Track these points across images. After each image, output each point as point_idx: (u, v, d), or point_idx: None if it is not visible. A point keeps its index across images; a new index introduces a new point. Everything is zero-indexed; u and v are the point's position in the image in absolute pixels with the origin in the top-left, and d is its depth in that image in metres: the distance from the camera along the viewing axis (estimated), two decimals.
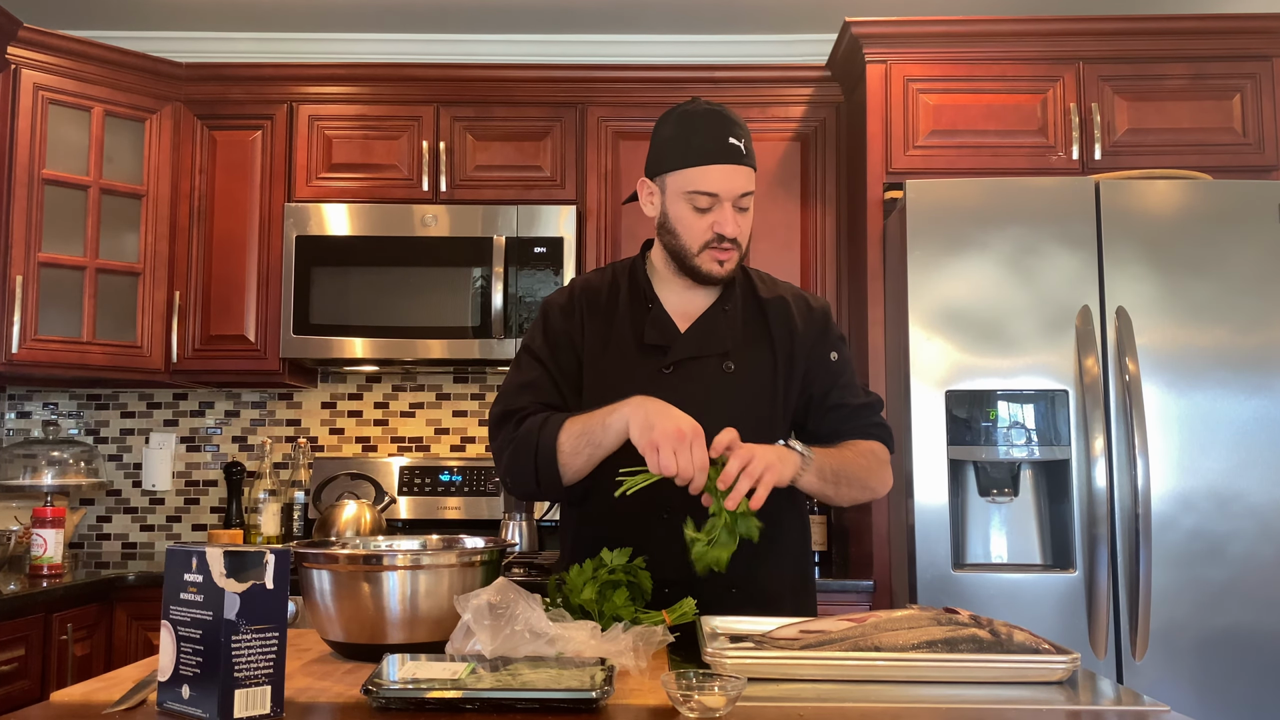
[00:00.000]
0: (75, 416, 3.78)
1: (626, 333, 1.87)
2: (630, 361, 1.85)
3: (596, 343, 1.87)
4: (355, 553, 1.52)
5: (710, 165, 1.76)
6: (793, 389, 1.88)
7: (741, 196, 1.78)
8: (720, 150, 1.76)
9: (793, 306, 1.91)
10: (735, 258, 1.82)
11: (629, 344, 1.86)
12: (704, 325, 1.86)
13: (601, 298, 1.91)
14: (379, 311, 3.34)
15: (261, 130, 3.48)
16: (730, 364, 1.84)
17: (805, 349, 1.89)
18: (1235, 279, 2.75)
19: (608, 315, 1.89)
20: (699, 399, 1.78)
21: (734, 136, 1.77)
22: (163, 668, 1.18)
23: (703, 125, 1.78)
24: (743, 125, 1.81)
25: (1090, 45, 3.13)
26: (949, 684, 1.32)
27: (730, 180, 1.77)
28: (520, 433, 1.75)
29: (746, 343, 1.87)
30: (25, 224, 3.17)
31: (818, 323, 1.92)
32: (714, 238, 1.79)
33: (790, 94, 3.47)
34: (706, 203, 1.78)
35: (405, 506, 3.60)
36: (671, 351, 1.83)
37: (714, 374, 1.84)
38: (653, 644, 1.41)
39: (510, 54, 3.82)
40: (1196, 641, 2.64)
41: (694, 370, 1.83)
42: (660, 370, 1.83)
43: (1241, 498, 2.68)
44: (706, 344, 1.84)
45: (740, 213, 1.80)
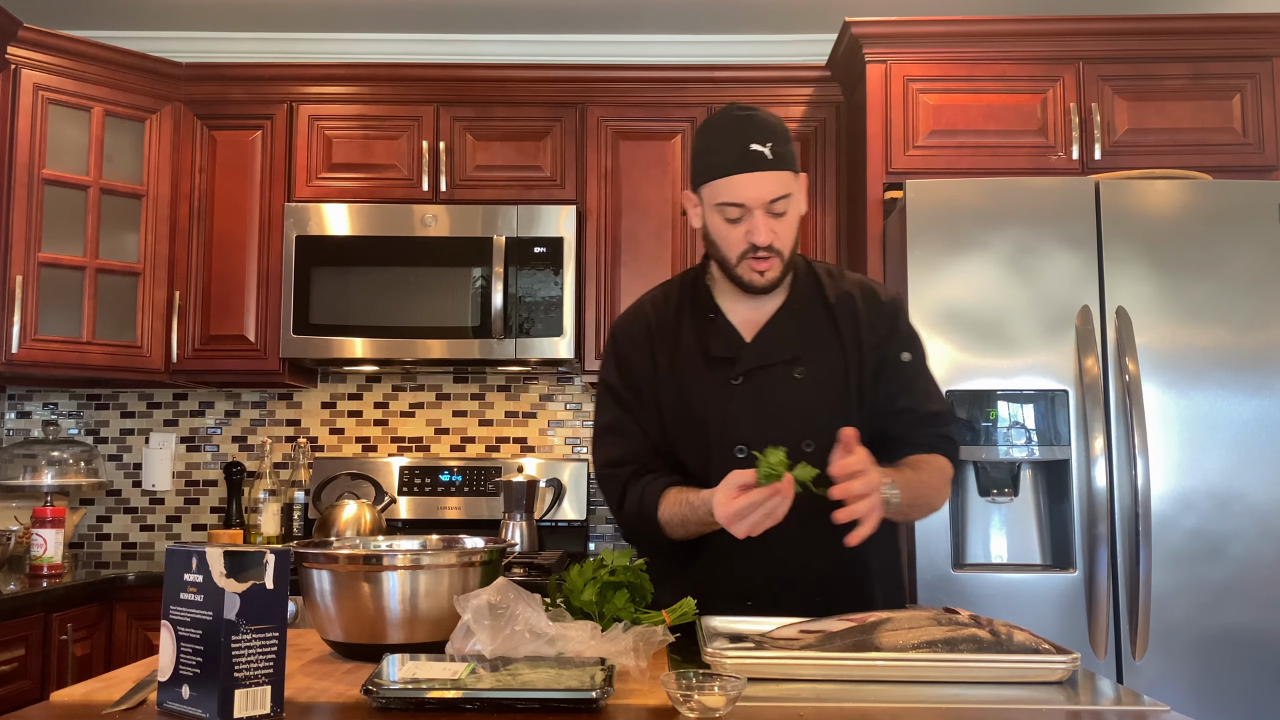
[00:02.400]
0: (75, 416, 3.78)
1: (693, 347, 1.84)
2: (700, 375, 1.82)
3: (667, 362, 1.84)
4: (355, 553, 1.52)
5: (732, 175, 1.73)
6: (865, 390, 1.82)
7: (773, 202, 1.73)
8: (741, 159, 1.72)
9: (860, 302, 1.85)
10: (776, 265, 1.77)
11: (697, 358, 1.83)
12: (770, 332, 1.82)
13: (667, 315, 1.88)
14: (379, 311, 3.34)
15: (261, 130, 3.48)
16: (800, 370, 1.80)
17: (873, 346, 1.83)
18: (1235, 279, 2.75)
19: (674, 331, 1.86)
20: (771, 408, 1.78)
21: (757, 142, 1.71)
22: (163, 668, 1.18)
23: (724, 134, 1.74)
24: (773, 128, 1.74)
25: (1090, 45, 3.13)
26: (949, 684, 1.32)
27: (755, 188, 1.72)
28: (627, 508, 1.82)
29: (815, 346, 1.82)
30: (25, 224, 3.17)
31: (886, 319, 1.86)
32: (749, 247, 1.75)
33: (790, 94, 3.47)
34: (736, 213, 1.74)
35: (405, 506, 3.60)
36: (739, 362, 1.80)
37: (784, 382, 1.80)
38: (653, 644, 1.41)
39: (510, 54, 3.82)
40: (1196, 641, 2.64)
41: (763, 379, 1.80)
42: (729, 382, 1.80)
43: (1241, 498, 2.68)
44: (773, 352, 1.81)
45: (776, 219, 1.74)
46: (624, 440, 1.85)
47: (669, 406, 1.83)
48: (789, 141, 1.76)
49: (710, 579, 1.76)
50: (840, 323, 1.83)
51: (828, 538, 1.68)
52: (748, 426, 1.78)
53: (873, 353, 1.82)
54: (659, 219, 3.43)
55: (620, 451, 1.85)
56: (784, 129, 1.77)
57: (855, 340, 1.82)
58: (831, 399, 1.79)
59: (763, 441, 1.73)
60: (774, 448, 1.55)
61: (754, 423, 1.78)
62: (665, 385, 1.84)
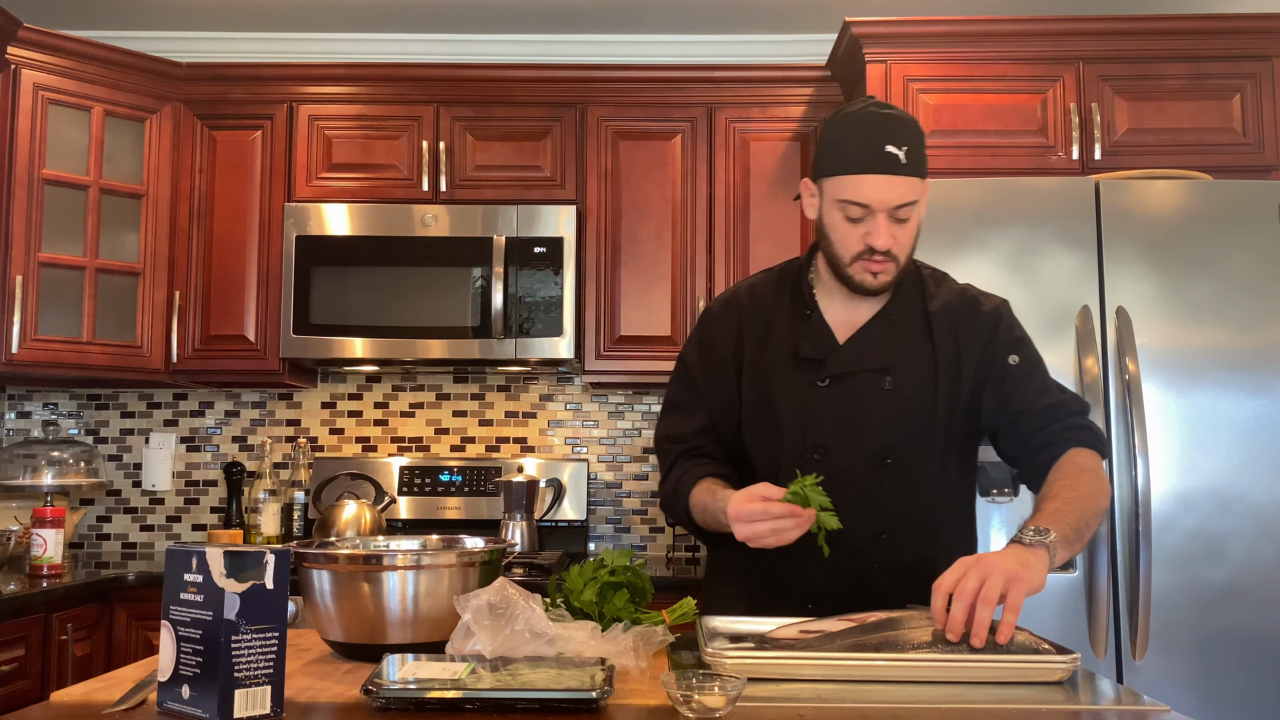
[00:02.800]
0: (75, 416, 3.78)
1: (784, 342, 1.79)
2: (786, 373, 1.78)
3: (755, 352, 1.80)
4: (355, 553, 1.52)
5: (863, 175, 1.66)
6: (959, 406, 1.76)
7: (899, 208, 1.67)
8: (875, 159, 1.65)
9: (960, 313, 1.79)
10: (890, 270, 1.71)
11: (786, 354, 1.78)
12: (864, 337, 1.77)
13: (763, 305, 1.84)
14: (379, 311, 3.34)
15: (261, 130, 3.48)
16: (889, 380, 1.74)
17: (973, 358, 1.76)
18: (1235, 279, 2.74)
19: (768, 322, 1.82)
20: (855, 416, 1.74)
21: (893, 144, 1.65)
22: (163, 668, 1.18)
23: (861, 130, 1.67)
24: (909, 131, 1.68)
25: (1090, 45, 3.13)
26: (949, 684, 1.32)
27: (884, 191, 1.66)
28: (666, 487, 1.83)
29: (910, 357, 1.76)
30: (25, 224, 3.17)
31: (986, 328, 1.78)
32: (865, 249, 1.69)
33: (790, 94, 3.47)
34: (859, 213, 1.68)
35: (405, 506, 3.60)
36: (827, 365, 1.75)
37: (872, 390, 1.74)
38: (653, 644, 1.41)
39: (510, 54, 3.82)
40: (1196, 641, 2.64)
41: (851, 385, 1.75)
42: (815, 383, 1.76)
43: (1241, 498, 2.68)
44: (864, 358, 1.75)
45: (899, 224, 1.68)
46: (686, 420, 1.84)
47: (750, 399, 1.80)
48: (923, 146, 1.70)
49: (773, 579, 1.74)
50: (937, 334, 1.77)
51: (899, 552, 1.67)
52: (827, 431, 1.74)
53: (973, 365, 1.76)
54: (659, 219, 3.43)
55: (680, 429, 1.84)
56: (920, 133, 1.70)
57: (953, 355, 1.76)
58: (917, 412, 1.74)
59: (840, 447, 1.73)
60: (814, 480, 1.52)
61: (834, 428, 1.74)
62: (750, 376, 1.80)
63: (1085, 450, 1.71)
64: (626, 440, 3.76)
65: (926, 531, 1.65)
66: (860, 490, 1.71)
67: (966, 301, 1.81)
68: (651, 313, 3.41)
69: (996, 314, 1.81)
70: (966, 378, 1.76)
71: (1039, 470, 1.71)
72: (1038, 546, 1.47)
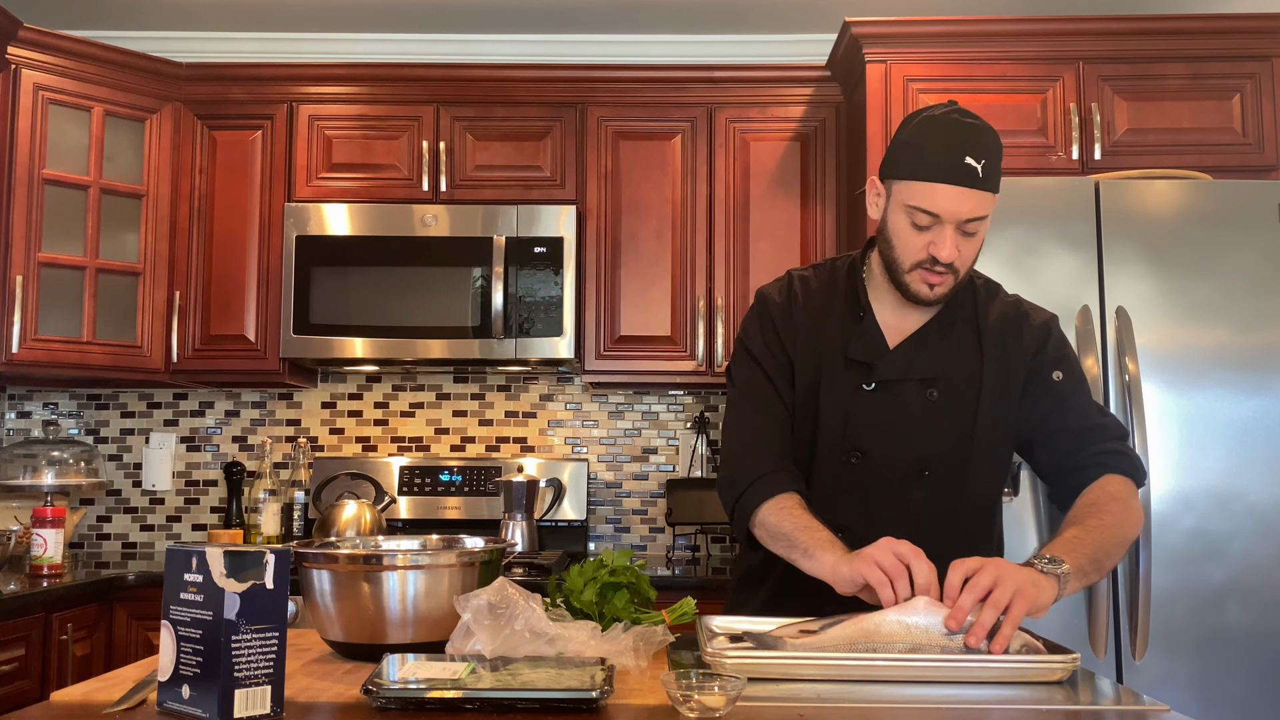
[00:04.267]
0: (75, 416, 3.78)
1: (835, 340, 1.76)
2: (834, 372, 1.75)
3: (807, 344, 1.78)
4: (355, 553, 1.52)
5: (938, 184, 1.61)
6: (1002, 420, 1.73)
7: (968, 221, 1.63)
8: (952, 169, 1.61)
9: (1011, 326, 1.76)
10: (949, 283, 1.68)
11: (836, 353, 1.75)
12: (914, 345, 1.74)
13: (815, 299, 1.80)
14: (379, 311, 3.34)
15: (261, 130, 3.48)
16: (935, 391, 1.72)
17: (1020, 373, 1.73)
18: (1235, 279, 2.74)
19: (820, 317, 1.79)
20: (897, 425, 1.72)
21: (973, 156, 1.61)
22: (163, 668, 1.18)
23: (941, 137, 1.63)
24: (990, 145, 1.64)
25: (1090, 45, 3.13)
26: (949, 684, 1.32)
27: (957, 203, 1.62)
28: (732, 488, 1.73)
29: (957, 369, 1.73)
30: (25, 224, 3.17)
31: (1035, 342, 1.75)
32: (927, 259, 1.65)
33: (790, 94, 3.47)
34: (926, 221, 1.63)
35: (405, 506, 3.60)
36: (875, 370, 1.73)
37: (916, 400, 1.72)
38: (653, 644, 1.41)
39: (510, 54, 3.82)
40: (1196, 641, 2.64)
41: (897, 392, 1.73)
42: (861, 386, 1.73)
43: (1241, 498, 2.68)
44: (913, 367, 1.72)
45: (965, 238, 1.65)
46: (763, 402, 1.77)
47: (798, 391, 1.77)
48: (1001, 159, 1.67)
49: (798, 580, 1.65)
50: (987, 346, 1.74)
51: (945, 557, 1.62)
52: (867, 436, 1.72)
53: (1020, 376, 1.73)
54: (659, 219, 3.43)
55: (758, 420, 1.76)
56: (999, 145, 1.66)
57: (1002, 366, 1.73)
58: (959, 425, 1.71)
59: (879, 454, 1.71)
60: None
61: (875, 434, 1.72)
62: (801, 368, 1.77)
63: (1118, 477, 1.69)
64: (626, 440, 3.76)
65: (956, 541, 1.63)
66: (896, 498, 1.70)
67: (1018, 315, 1.78)
68: (651, 313, 3.41)
69: (1046, 328, 1.79)
70: (1014, 390, 1.73)
71: (1070, 492, 1.70)
72: (1050, 575, 1.47)
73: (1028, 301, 1.84)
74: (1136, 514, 1.67)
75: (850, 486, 1.73)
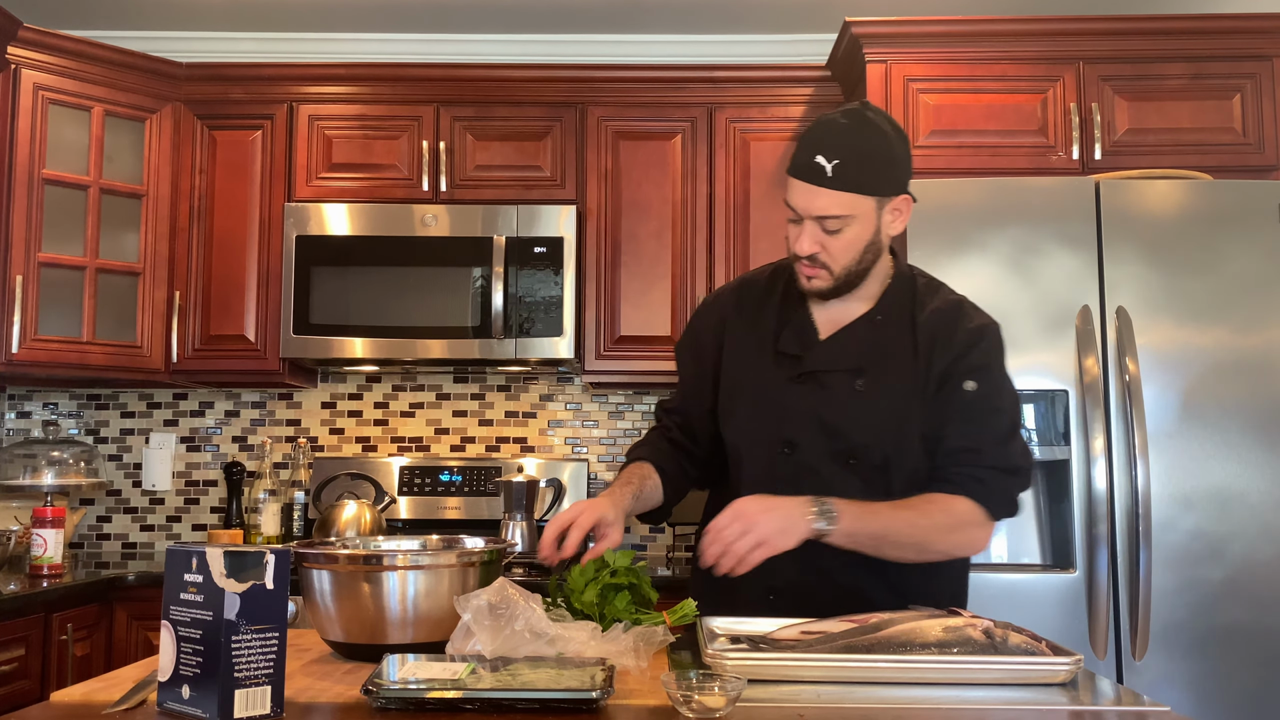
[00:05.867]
0: (75, 416, 3.78)
1: (769, 335, 1.82)
2: (765, 365, 1.80)
3: (736, 341, 1.84)
4: (355, 553, 1.52)
5: (793, 180, 1.70)
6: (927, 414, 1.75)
7: (826, 219, 1.67)
8: (803, 167, 1.68)
9: (944, 322, 1.77)
10: (824, 277, 1.72)
11: (768, 347, 1.81)
12: (844, 337, 1.78)
13: (754, 295, 1.87)
14: (379, 311, 3.34)
15: (261, 130, 3.48)
16: (862, 382, 1.74)
17: (941, 369, 1.74)
18: (1235, 279, 2.75)
19: (757, 314, 1.85)
20: (826, 416, 1.75)
21: (825, 155, 1.65)
22: (163, 668, 1.18)
23: (809, 135, 1.69)
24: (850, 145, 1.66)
25: (1090, 45, 3.13)
26: (950, 685, 1.32)
27: (808, 200, 1.68)
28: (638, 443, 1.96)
29: (888, 362, 1.75)
30: (25, 224, 3.17)
31: (963, 342, 1.75)
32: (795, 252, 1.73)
33: (790, 94, 3.47)
34: (793, 215, 1.71)
35: (405, 506, 3.60)
36: (804, 361, 1.77)
37: (843, 391, 1.75)
38: (653, 644, 1.41)
39: (510, 54, 3.82)
40: (1196, 641, 2.64)
41: (825, 383, 1.76)
42: (790, 379, 1.78)
43: (1241, 498, 2.68)
44: (840, 358, 1.76)
45: (830, 235, 1.68)
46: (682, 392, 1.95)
47: (727, 387, 1.84)
48: (875, 162, 1.67)
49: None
50: (920, 342, 1.75)
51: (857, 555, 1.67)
52: (797, 427, 1.76)
53: (937, 375, 1.74)
54: (659, 219, 3.43)
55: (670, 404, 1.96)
56: (873, 147, 1.67)
57: (926, 362, 1.74)
58: (886, 417, 1.73)
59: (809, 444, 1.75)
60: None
61: (804, 425, 1.76)
62: (729, 365, 1.84)
63: (968, 501, 1.69)
64: (626, 440, 3.76)
65: None
66: (826, 489, 1.71)
67: (956, 314, 1.79)
68: (651, 313, 3.41)
69: (979, 333, 1.77)
70: (931, 388, 1.74)
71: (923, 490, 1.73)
72: (810, 521, 1.59)
73: (972, 305, 1.84)
74: (963, 537, 1.71)
75: (783, 478, 1.76)
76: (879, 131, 1.69)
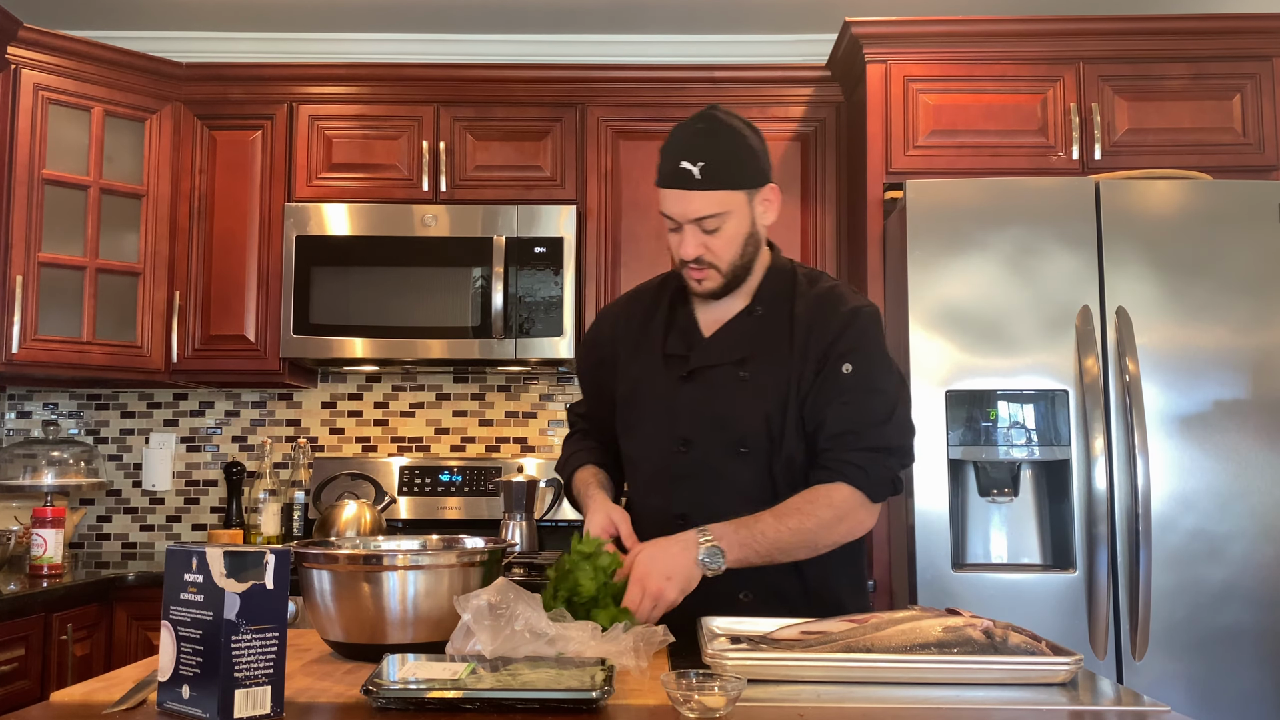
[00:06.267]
0: (75, 416, 3.78)
1: (658, 339, 1.87)
2: (655, 368, 1.85)
3: (627, 349, 1.90)
4: (355, 553, 1.52)
5: (665, 190, 1.76)
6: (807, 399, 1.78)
7: (704, 219, 1.73)
8: (672, 175, 1.73)
9: (820, 309, 1.81)
10: (713, 276, 1.78)
11: (657, 351, 1.86)
12: (726, 331, 1.84)
13: (639, 308, 1.93)
14: (379, 311, 3.34)
15: (261, 130, 3.48)
16: (745, 372, 1.79)
17: (817, 352, 1.77)
18: (1235, 279, 2.75)
19: (645, 322, 1.90)
20: (715, 409, 1.80)
21: (690, 160, 1.70)
22: (163, 668, 1.18)
23: (670, 145, 1.76)
24: (712, 145, 1.72)
25: (1090, 45, 3.13)
26: (950, 685, 1.32)
27: (682, 205, 1.73)
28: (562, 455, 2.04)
29: (768, 350, 1.80)
30: (25, 224, 3.17)
31: (838, 325, 1.78)
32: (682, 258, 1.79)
33: (790, 94, 3.47)
34: (671, 224, 1.77)
35: (405, 506, 3.59)
36: (691, 358, 1.83)
37: (729, 382, 1.80)
38: (653, 644, 1.41)
39: (510, 54, 3.82)
40: (1196, 641, 2.64)
41: (711, 378, 1.81)
42: (679, 378, 1.83)
43: (1241, 498, 2.68)
44: (724, 351, 1.81)
45: (710, 235, 1.74)
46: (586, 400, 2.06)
47: (623, 395, 1.90)
48: (737, 158, 1.73)
49: None
50: (796, 329, 1.80)
51: None
52: (690, 424, 1.81)
53: (815, 359, 1.77)
54: (659, 219, 3.37)
55: (583, 408, 2.07)
56: (731, 145, 1.73)
57: (803, 347, 1.78)
58: (772, 404, 1.77)
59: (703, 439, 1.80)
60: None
61: (697, 420, 1.81)
62: (623, 373, 1.90)
63: (847, 488, 1.72)
64: None
65: None
66: (722, 480, 1.78)
67: (831, 299, 1.82)
68: None
69: (853, 315, 1.80)
70: (809, 371, 1.77)
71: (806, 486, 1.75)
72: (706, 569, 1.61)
73: (850, 290, 1.88)
74: (847, 526, 1.74)
75: (682, 475, 1.81)
76: (734, 129, 1.75)
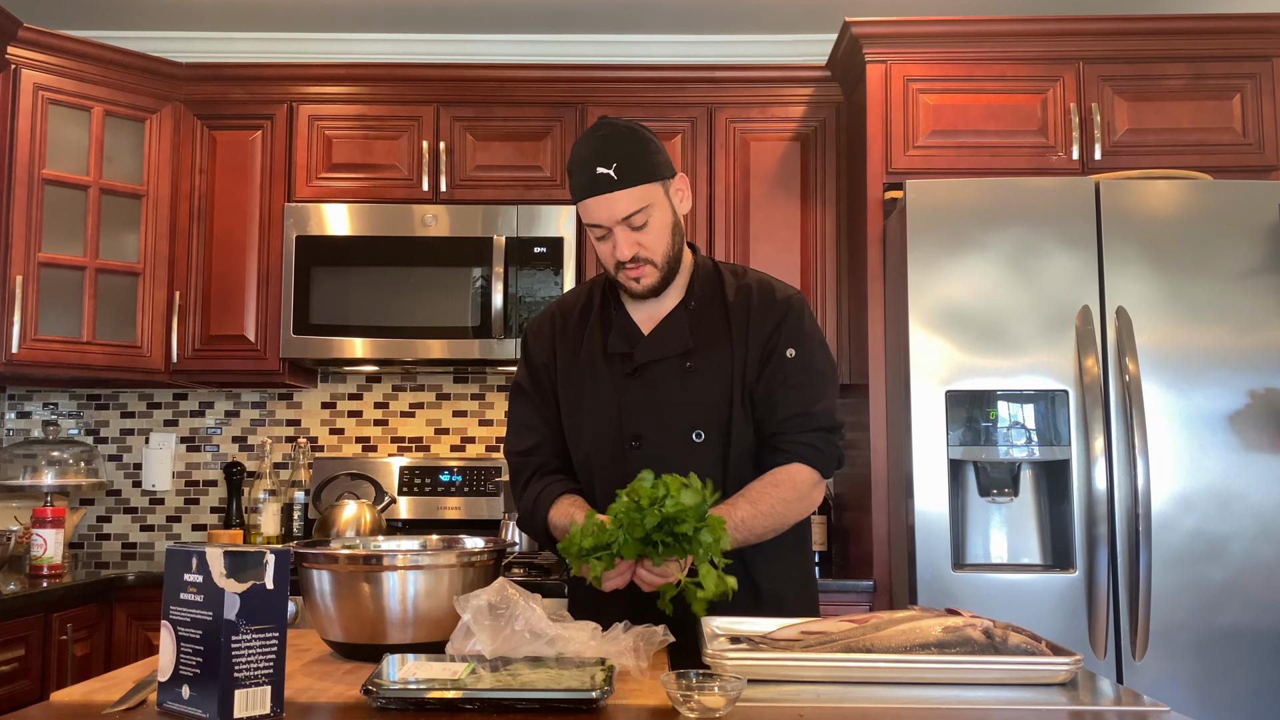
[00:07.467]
0: (75, 416, 3.78)
1: (597, 343, 1.90)
2: (598, 371, 1.88)
3: (568, 358, 1.92)
4: (355, 553, 1.52)
5: (586, 200, 1.78)
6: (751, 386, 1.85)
7: (629, 218, 1.77)
8: (589, 183, 1.77)
9: (755, 297, 1.89)
10: (650, 272, 1.82)
11: (598, 354, 1.89)
12: (665, 327, 1.88)
13: (574, 314, 1.96)
14: (379, 311, 3.34)
15: (261, 130, 3.48)
16: (691, 363, 1.84)
17: (760, 341, 1.85)
18: (1235, 279, 2.75)
19: (579, 329, 1.93)
20: (663, 401, 1.83)
21: (603, 164, 1.75)
22: (163, 668, 1.18)
23: (579, 158, 1.79)
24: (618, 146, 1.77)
25: (1090, 45, 3.13)
26: (950, 685, 1.32)
27: (608, 209, 1.77)
28: (524, 503, 1.92)
29: (709, 341, 1.86)
30: (25, 224, 3.17)
31: (776, 314, 1.87)
32: (618, 262, 1.81)
33: (790, 94, 3.47)
34: (600, 232, 1.80)
35: (405, 506, 3.60)
36: (635, 355, 1.86)
37: (675, 374, 1.85)
38: (653, 644, 1.41)
39: (510, 54, 3.82)
40: (1196, 641, 2.64)
41: (657, 372, 1.85)
42: (624, 375, 1.86)
43: (1241, 498, 2.68)
44: (667, 345, 1.86)
45: (639, 230, 1.78)
46: (532, 434, 1.94)
47: (567, 401, 1.91)
48: (644, 153, 1.78)
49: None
50: (733, 319, 1.86)
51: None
52: (640, 420, 1.83)
53: (758, 347, 1.85)
54: None
55: (529, 443, 1.94)
56: (634, 143, 1.78)
57: (743, 335, 1.85)
58: (720, 392, 1.83)
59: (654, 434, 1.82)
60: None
61: (646, 415, 1.83)
62: (565, 381, 1.91)
63: (804, 467, 1.82)
64: None
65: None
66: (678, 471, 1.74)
67: (763, 287, 1.91)
68: None
69: (788, 303, 1.89)
70: (753, 359, 1.84)
71: (760, 469, 1.82)
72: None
73: (777, 280, 1.95)
74: (803, 504, 1.82)
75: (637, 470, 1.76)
76: (633, 129, 1.81)
